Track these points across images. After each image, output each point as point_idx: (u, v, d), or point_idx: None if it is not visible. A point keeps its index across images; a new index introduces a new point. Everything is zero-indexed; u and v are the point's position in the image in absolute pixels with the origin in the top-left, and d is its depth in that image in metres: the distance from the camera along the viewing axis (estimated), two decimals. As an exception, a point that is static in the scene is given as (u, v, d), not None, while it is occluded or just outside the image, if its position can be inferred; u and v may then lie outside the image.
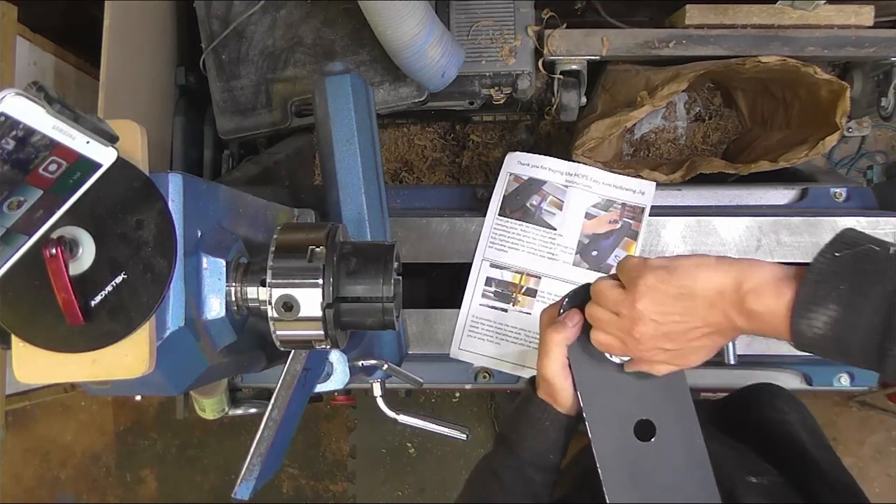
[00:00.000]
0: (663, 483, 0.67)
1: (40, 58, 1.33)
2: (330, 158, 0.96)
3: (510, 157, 1.15)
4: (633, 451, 0.67)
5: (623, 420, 0.68)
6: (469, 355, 1.12)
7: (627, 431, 0.68)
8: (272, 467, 0.69)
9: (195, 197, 0.61)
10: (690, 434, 0.68)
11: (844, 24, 1.21)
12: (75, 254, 0.54)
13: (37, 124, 0.45)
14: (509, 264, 1.12)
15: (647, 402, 0.68)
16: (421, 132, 1.57)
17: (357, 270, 0.65)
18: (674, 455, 0.67)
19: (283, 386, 0.70)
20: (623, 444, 0.68)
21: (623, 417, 0.68)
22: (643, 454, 0.67)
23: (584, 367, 0.70)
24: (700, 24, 1.21)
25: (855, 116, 1.38)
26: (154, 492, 2.17)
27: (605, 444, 0.67)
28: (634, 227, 1.11)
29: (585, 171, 1.13)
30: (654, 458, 0.67)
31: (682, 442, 0.68)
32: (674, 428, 0.68)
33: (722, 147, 1.46)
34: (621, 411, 0.68)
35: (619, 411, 0.69)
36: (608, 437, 0.68)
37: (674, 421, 0.68)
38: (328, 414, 2.15)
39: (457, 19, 1.25)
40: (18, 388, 1.41)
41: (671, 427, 0.68)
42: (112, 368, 0.55)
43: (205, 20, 1.26)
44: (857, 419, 2.04)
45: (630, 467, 0.67)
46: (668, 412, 0.68)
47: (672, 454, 0.67)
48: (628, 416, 0.68)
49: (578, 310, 0.71)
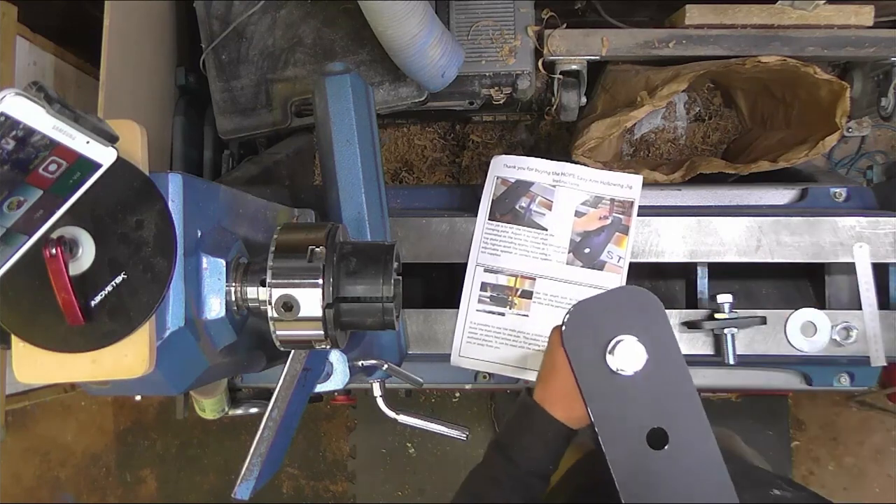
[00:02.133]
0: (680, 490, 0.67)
1: (40, 58, 1.33)
2: (330, 158, 0.96)
3: (496, 161, 1.15)
4: (647, 460, 0.67)
5: (635, 431, 0.68)
6: (470, 362, 1.12)
7: (640, 442, 0.68)
8: (272, 467, 0.69)
9: (195, 197, 0.61)
10: (704, 439, 0.68)
11: (844, 24, 1.21)
12: (75, 254, 0.54)
13: (37, 124, 0.45)
14: (503, 268, 1.12)
15: (657, 411, 0.68)
16: (421, 132, 1.57)
17: (357, 270, 0.65)
18: (689, 462, 0.67)
19: (283, 386, 0.70)
20: (637, 455, 0.68)
21: (634, 428, 0.68)
22: (658, 463, 0.67)
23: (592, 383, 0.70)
24: (700, 24, 1.21)
25: (855, 116, 1.38)
26: (154, 492, 2.17)
27: (619, 457, 0.67)
28: (625, 222, 1.11)
29: (572, 169, 1.13)
30: (669, 467, 0.67)
31: (695, 448, 0.68)
32: (686, 434, 0.68)
33: (722, 147, 1.46)
34: (632, 422, 0.68)
35: (630, 422, 0.68)
36: (621, 449, 0.68)
37: (686, 427, 0.68)
38: (328, 414, 2.15)
39: (457, 19, 1.25)
40: (18, 388, 1.41)
41: (684, 434, 0.68)
42: (112, 368, 0.55)
43: (205, 20, 1.26)
44: (857, 419, 2.04)
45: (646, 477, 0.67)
46: (679, 419, 0.68)
47: (687, 461, 0.67)
48: (640, 427, 0.68)
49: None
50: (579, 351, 0.70)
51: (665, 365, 0.69)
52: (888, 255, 1.09)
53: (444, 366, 1.13)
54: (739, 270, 1.17)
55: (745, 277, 1.21)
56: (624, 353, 0.69)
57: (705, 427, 0.68)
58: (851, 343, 1.08)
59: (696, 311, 1.11)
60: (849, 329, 1.08)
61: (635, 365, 0.69)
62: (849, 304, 1.14)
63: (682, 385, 0.69)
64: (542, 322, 1.10)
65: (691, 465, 0.67)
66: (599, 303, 0.72)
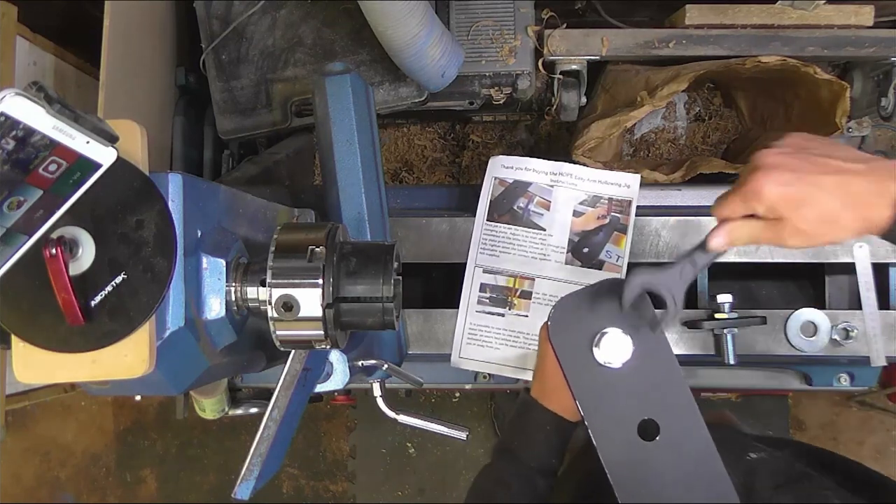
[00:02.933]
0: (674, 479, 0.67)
1: (40, 58, 1.33)
2: (330, 158, 0.96)
3: (493, 162, 1.15)
4: (639, 452, 0.67)
5: (625, 423, 0.68)
6: (470, 363, 1.12)
7: (631, 433, 0.67)
8: (272, 467, 0.69)
9: (195, 197, 0.61)
10: (694, 427, 0.68)
11: (844, 24, 1.21)
12: (75, 254, 0.54)
13: (37, 124, 0.45)
14: (502, 269, 1.12)
15: (646, 402, 0.68)
16: (421, 132, 1.57)
17: (357, 270, 0.65)
18: (680, 450, 0.67)
19: (283, 386, 0.70)
20: (628, 447, 0.67)
21: (625, 420, 0.68)
22: (650, 454, 0.67)
23: (580, 376, 0.70)
24: (700, 24, 1.21)
25: (855, 116, 1.38)
26: (154, 492, 2.18)
27: (610, 449, 0.67)
28: (623, 221, 1.11)
29: (569, 169, 1.13)
30: (661, 457, 0.67)
31: (686, 436, 0.67)
32: (677, 424, 0.68)
33: (722, 147, 1.46)
34: (622, 414, 0.68)
35: (620, 415, 0.68)
36: (612, 441, 0.68)
37: (676, 417, 0.68)
38: (328, 414, 2.15)
39: (457, 19, 1.25)
40: (18, 388, 1.40)
41: (674, 423, 0.68)
42: (112, 368, 0.55)
43: (205, 20, 1.26)
44: (857, 419, 2.05)
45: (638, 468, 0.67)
46: (669, 409, 0.68)
47: (678, 450, 0.67)
48: (630, 418, 0.68)
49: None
50: (566, 345, 0.70)
51: (652, 355, 0.69)
52: (888, 255, 1.10)
53: (444, 366, 1.14)
54: (739, 270, 1.17)
55: (745, 277, 1.21)
56: (610, 345, 0.69)
57: (696, 416, 0.68)
58: (851, 343, 1.08)
59: (696, 310, 1.11)
60: (849, 329, 1.08)
61: (622, 357, 0.69)
62: (849, 304, 1.15)
63: (670, 374, 0.69)
64: (542, 322, 1.10)
65: (683, 455, 0.67)
66: (583, 297, 0.72)
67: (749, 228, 0.64)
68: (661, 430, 0.67)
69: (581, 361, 0.69)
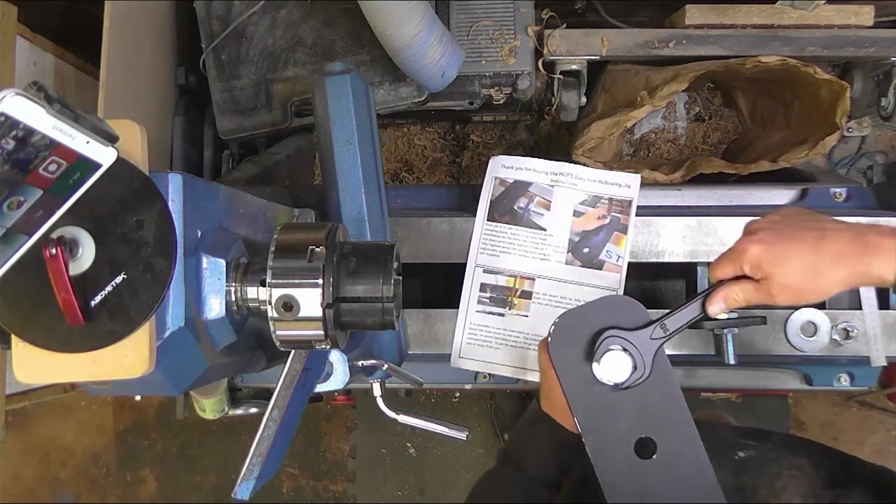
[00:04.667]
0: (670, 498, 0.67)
1: (40, 58, 1.33)
2: (330, 158, 0.96)
3: (494, 162, 1.15)
4: (636, 470, 0.67)
5: (623, 440, 0.68)
6: (470, 363, 1.12)
7: (628, 451, 0.67)
8: (272, 467, 0.69)
9: (195, 197, 0.61)
10: (691, 446, 0.68)
11: (844, 24, 1.21)
12: (75, 254, 0.54)
13: (37, 124, 0.45)
14: (502, 269, 1.12)
15: (644, 420, 0.68)
16: (421, 132, 1.57)
17: (357, 270, 0.65)
18: (677, 469, 0.67)
19: (283, 386, 0.70)
20: (625, 465, 0.67)
21: (622, 438, 0.68)
22: (647, 472, 0.67)
23: (579, 392, 0.70)
24: (700, 24, 1.21)
25: (855, 116, 1.38)
26: (154, 492, 2.18)
27: (607, 467, 0.67)
28: (623, 221, 1.11)
29: (570, 169, 1.13)
30: (658, 475, 0.67)
31: (683, 455, 0.67)
32: (674, 442, 0.68)
33: (722, 147, 1.46)
34: (620, 432, 0.68)
35: (617, 432, 0.68)
36: (609, 459, 0.68)
37: (673, 435, 0.68)
38: (328, 414, 2.15)
39: (457, 19, 1.25)
40: (18, 388, 1.41)
41: (671, 441, 0.68)
42: (112, 368, 0.55)
43: (205, 20, 1.26)
44: (857, 419, 2.04)
45: (635, 487, 0.67)
46: (666, 427, 0.68)
47: (675, 468, 0.67)
48: (627, 436, 0.68)
49: None
50: (565, 362, 0.70)
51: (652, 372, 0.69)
52: (888, 255, 1.09)
53: (444, 366, 1.13)
54: (739, 270, 1.17)
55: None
56: (609, 362, 0.69)
57: (693, 435, 0.68)
58: (851, 343, 1.08)
59: (696, 311, 1.10)
60: (849, 329, 1.08)
61: (621, 374, 0.69)
62: (849, 304, 1.14)
63: (669, 393, 0.69)
64: (542, 322, 1.10)
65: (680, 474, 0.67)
66: (584, 313, 0.72)
67: (741, 291, 0.70)
68: (659, 448, 0.67)
69: (580, 378, 0.70)
